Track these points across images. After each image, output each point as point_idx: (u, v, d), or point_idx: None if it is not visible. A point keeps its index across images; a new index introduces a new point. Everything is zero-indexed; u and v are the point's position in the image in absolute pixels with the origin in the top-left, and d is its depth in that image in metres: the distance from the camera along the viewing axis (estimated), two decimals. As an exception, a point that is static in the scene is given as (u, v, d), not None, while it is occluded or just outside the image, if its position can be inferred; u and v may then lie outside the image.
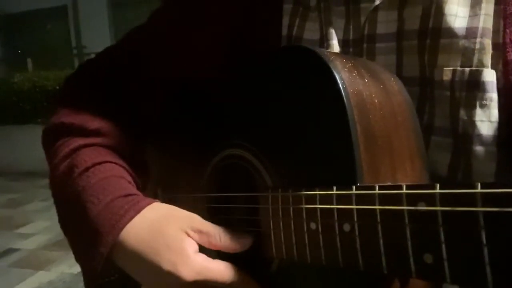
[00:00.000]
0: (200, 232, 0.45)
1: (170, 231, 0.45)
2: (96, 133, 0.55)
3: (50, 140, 0.57)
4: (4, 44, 7.83)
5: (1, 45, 7.82)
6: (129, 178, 0.53)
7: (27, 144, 5.25)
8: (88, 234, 0.47)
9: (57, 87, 4.96)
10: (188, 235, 0.45)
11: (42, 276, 2.54)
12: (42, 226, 3.39)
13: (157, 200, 0.49)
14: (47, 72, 5.60)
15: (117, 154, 0.55)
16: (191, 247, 0.44)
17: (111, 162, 0.53)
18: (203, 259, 0.43)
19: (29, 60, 6.90)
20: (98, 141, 0.55)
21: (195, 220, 0.46)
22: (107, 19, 6.91)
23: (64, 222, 0.53)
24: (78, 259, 0.51)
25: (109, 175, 0.51)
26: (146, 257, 0.44)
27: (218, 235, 0.45)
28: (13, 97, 5.50)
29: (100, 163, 0.52)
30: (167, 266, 0.42)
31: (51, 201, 0.53)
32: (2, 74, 6.45)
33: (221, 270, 0.43)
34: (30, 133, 5.10)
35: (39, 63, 6.70)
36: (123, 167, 0.54)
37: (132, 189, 0.51)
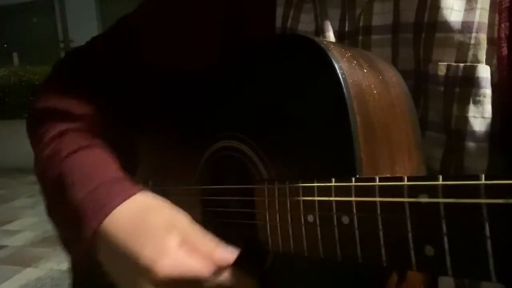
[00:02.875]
0: (191, 243, 0.42)
1: (155, 221, 0.43)
2: (82, 118, 0.54)
3: (35, 124, 0.55)
4: (-11, 38, 7.70)
5: (-14, 39, 7.69)
6: (117, 163, 0.51)
7: (13, 140, 5.18)
8: (73, 218, 0.45)
9: (44, 82, 4.88)
10: (176, 239, 0.41)
11: (30, 273, 2.51)
12: (29, 223, 3.35)
13: (145, 188, 0.47)
14: (33, 66, 5.52)
15: (104, 140, 0.53)
16: (174, 240, 0.41)
17: (98, 146, 0.51)
18: (184, 256, 0.40)
19: (15, 55, 6.80)
20: (84, 126, 0.53)
21: (184, 226, 0.43)
22: (94, 12, 6.83)
23: (49, 207, 0.51)
24: (64, 244, 0.50)
25: (97, 159, 0.50)
26: (127, 246, 0.41)
27: (208, 246, 0.41)
28: (-1, 92, 5.42)
29: (87, 147, 0.50)
30: (145, 260, 0.40)
31: (38, 197, 0.52)
32: (-13, 68, 6.33)
33: (200, 266, 0.40)
34: (17, 129, 5.02)
35: (25, 58, 6.62)
36: (111, 152, 0.52)
37: (120, 174, 0.49)
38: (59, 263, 2.58)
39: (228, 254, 0.40)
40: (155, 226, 0.42)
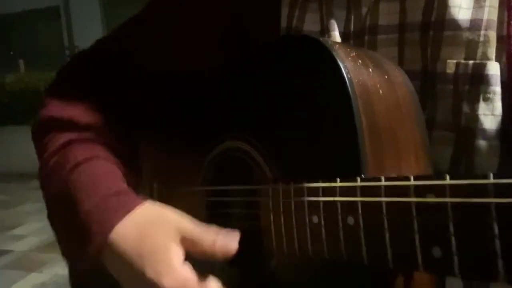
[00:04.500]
0: (184, 236, 0.42)
1: (158, 237, 0.43)
2: (86, 127, 0.53)
3: (40, 134, 0.55)
4: (-5, 44, 7.77)
5: (-8, 46, 7.76)
6: (120, 174, 0.51)
7: (19, 145, 5.20)
8: (77, 232, 0.45)
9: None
10: (175, 241, 0.42)
11: (35, 278, 2.52)
12: (35, 228, 3.36)
13: (148, 199, 0.47)
14: (39, 73, 5.56)
15: (108, 150, 0.53)
16: (177, 256, 0.41)
17: (102, 157, 0.51)
18: (187, 271, 0.41)
19: (21, 61, 6.85)
20: (88, 136, 0.53)
21: (185, 225, 0.43)
22: (100, 19, 6.88)
23: (52, 217, 0.51)
24: (66, 255, 0.50)
25: (100, 171, 0.49)
26: (131, 261, 0.42)
27: (200, 242, 0.42)
28: (5, 99, 5.47)
29: (91, 158, 0.50)
30: (150, 273, 0.40)
31: (43, 203, 0.52)
32: (-6, 75, 6.39)
33: (202, 286, 0.40)
34: (23, 135, 5.05)
35: (31, 64, 6.66)
36: (115, 162, 0.52)
37: (123, 186, 0.49)
38: (63, 268, 2.55)
39: (229, 240, 0.41)
40: (158, 241, 0.42)
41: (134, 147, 0.58)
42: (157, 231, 0.43)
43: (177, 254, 0.41)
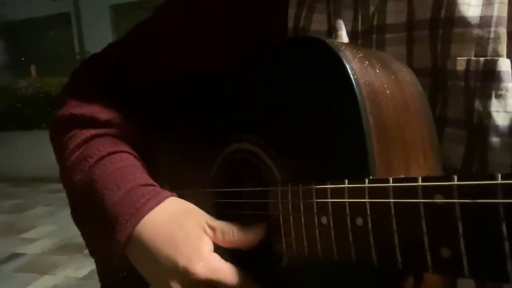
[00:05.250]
0: (214, 229, 0.45)
1: (189, 226, 0.45)
2: (107, 124, 0.55)
3: (60, 131, 0.56)
4: (8, 50, 7.87)
5: (5, 52, 7.86)
6: (145, 169, 0.53)
7: (30, 150, 5.27)
8: (106, 222, 0.46)
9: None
10: (205, 232, 0.45)
11: (47, 281, 2.54)
12: (47, 231, 3.40)
13: (174, 194, 0.49)
14: (50, 78, 5.62)
15: (130, 145, 0.54)
16: (208, 245, 0.44)
17: (125, 152, 0.53)
18: (217, 259, 0.43)
19: (32, 67, 6.94)
20: (110, 132, 0.54)
21: (209, 217, 0.46)
22: (109, 24, 6.94)
23: (78, 212, 0.52)
24: (93, 250, 0.50)
25: (126, 164, 0.51)
26: (163, 249, 0.43)
27: (231, 231, 0.44)
28: (17, 103, 5.53)
29: (115, 152, 0.51)
30: (183, 261, 0.42)
31: (55, 206, 0.53)
32: (6, 80, 6.47)
33: (232, 273, 0.43)
34: (34, 139, 5.12)
35: (42, 70, 6.74)
36: (137, 158, 0.54)
37: (150, 179, 0.50)
38: (75, 270, 2.60)
39: (250, 239, 0.44)
40: (190, 230, 0.44)
41: (150, 146, 0.59)
42: (187, 221, 0.45)
43: (207, 242, 0.44)
